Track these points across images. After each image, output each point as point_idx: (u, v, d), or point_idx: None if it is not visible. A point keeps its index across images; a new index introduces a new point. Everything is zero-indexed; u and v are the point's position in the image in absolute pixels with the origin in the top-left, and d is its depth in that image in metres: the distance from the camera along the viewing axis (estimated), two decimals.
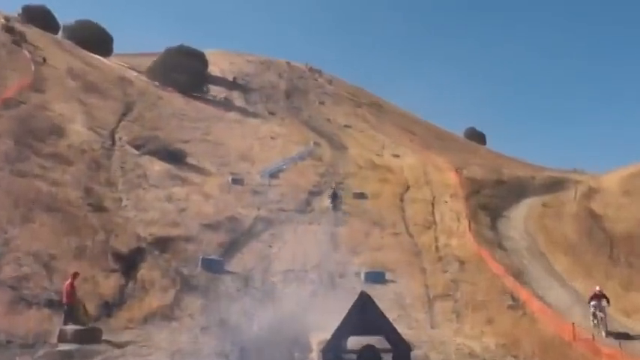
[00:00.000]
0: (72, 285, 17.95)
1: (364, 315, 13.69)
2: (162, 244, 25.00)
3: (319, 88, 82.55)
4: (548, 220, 38.07)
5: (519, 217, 38.97)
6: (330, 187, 37.84)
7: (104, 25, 68.48)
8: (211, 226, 28.05)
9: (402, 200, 37.69)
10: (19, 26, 53.21)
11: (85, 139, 32.74)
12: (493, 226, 36.21)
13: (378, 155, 50.57)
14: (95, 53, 59.48)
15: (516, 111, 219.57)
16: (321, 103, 73.84)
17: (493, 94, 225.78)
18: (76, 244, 21.96)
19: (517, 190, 44.03)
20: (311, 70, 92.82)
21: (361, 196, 37.37)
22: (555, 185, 47.16)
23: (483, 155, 67.58)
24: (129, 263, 22.60)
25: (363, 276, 25.85)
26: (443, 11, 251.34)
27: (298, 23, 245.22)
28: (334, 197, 35.37)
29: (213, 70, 73.58)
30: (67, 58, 50.19)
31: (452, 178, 42.47)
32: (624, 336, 21.93)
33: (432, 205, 37.43)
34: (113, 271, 21.68)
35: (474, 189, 40.98)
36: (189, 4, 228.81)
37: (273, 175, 38.58)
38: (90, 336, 17.30)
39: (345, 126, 63.82)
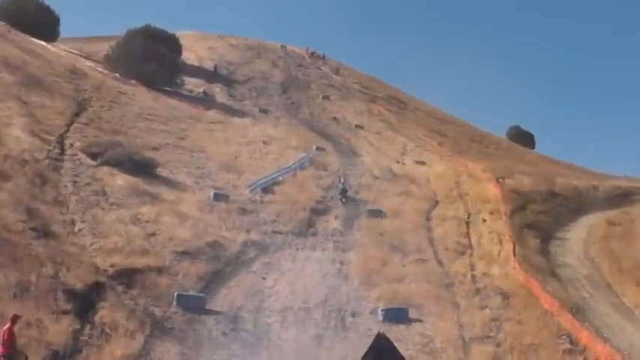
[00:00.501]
0: (10, 331, 17.98)
1: None
2: (128, 277, 25.15)
3: (323, 78, 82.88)
4: (614, 242, 38.11)
5: (578, 238, 39.03)
6: (339, 182, 41.11)
7: (47, 1, 68.72)
8: (189, 254, 28.21)
9: (428, 219, 37.85)
10: None
11: (27, 148, 32.94)
12: (544, 251, 36.27)
13: (398, 163, 50.68)
14: (37, 38, 59.78)
15: (572, 105, 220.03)
16: (326, 97, 74.12)
17: (542, 86, 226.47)
18: (16, 280, 22.05)
19: (574, 205, 44.14)
20: (313, 55, 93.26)
21: (377, 214, 37.59)
22: (623, 198, 47.28)
23: (531, 161, 67.70)
24: (85, 302, 22.70)
25: (380, 314, 25.98)
26: None
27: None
28: (344, 193, 38.87)
29: (189, 57, 74.04)
30: (1, 44, 50.50)
31: (492, 190, 42.57)
32: None
33: (467, 224, 37.54)
34: (64, 312, 21.77)
35: (519, 204, 41.05)
36: None
37: (266, 188, 38.77)
38: None
39: (357, 126, 64.03)
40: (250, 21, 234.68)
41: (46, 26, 64.88)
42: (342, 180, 41.98)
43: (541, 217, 40.62)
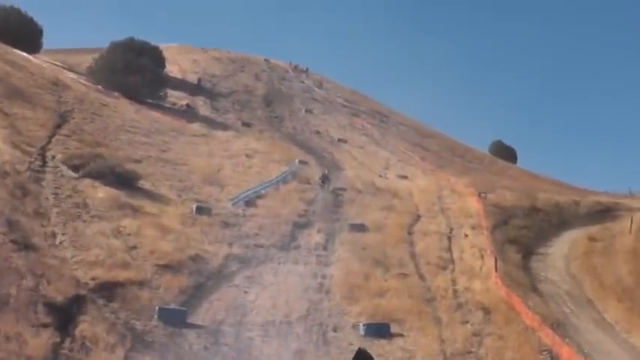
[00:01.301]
0: None
1: None
2: (108, 290, 25.02)
3: (306, 92, 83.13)
4: (596, 258, 38.37)
5: (559, 253, 39.25)
6: (324, 173, 45.60)
7: (31, 12, 68.49)
8: (170, 268, 28.11)
9: (410, 233, 37.94)
10: None
11: (8, 159, 32.74)
12: (526, 266, 36.46)
13: (380, 177, 50.81)
14: (20, 49, 59.59)
15: (553, 121, 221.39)
16: (309, 111, 74.33)
17: (525, 101, 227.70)
18: None
19: (556, 220, 44.41)
20: (296, 69, 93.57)
21: (360, 228, 37.62)
22: (605, 213, 47.59)
23: (513, 176, 68.05)
24: (65, 316, 22.57)
25: (362, 329, 25.94)
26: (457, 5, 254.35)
27: (279, 14, 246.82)
28: (325, 180, 43.76)
29: (172, 70, 74.02)
30: None
31: (474, 204, 42.75)
32: None
33: (449, 239, 37.68)
34: (44, 325, 21.63)
35: (501, 219, 41.30)
36: None
37: (249, 202, 38.79)
38: None
39: (340, 140, 64.23)
40: (234, 34, 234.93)
41: (28, 38, 64.62)
42: (326, 172, 46.36)
43: (523, 232, 40.84)
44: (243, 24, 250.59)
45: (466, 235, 37.87)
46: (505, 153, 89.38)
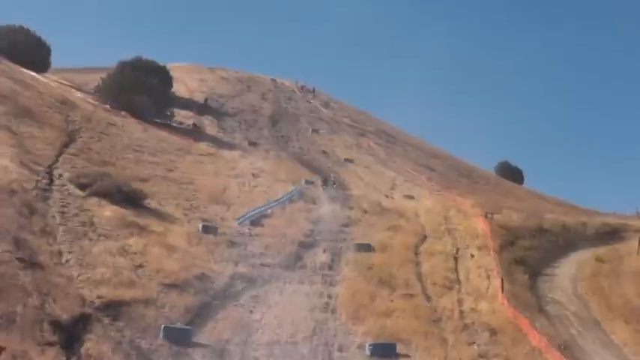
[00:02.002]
0: None
1: None
2: (114, 309, 25.02)
3: (313, 112, 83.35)
4: (603, 279, 38.21)
5: (566, 274, 39.10)
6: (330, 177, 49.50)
7: (39, 32, 68.96)
8: (176, 287, 28.11)
9: (417, 253, 37.86)
10: None
11: (15, 178, 32.87)
12: (533, 287, 36.30)
13: (387, 197, 50.80)
14: (29, 69, 59.96)
15: (561, 141, 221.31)
16: (315, 131, 74.49)
17: (531, 121, 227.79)
18: (2, 311, 21.90)
19: (563, 241, 44.24)
20: (303, 89, 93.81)
21: (366, 248, 37.54)
22: (612, 235, 47.39)
23: (520, 196, 67.90)
24: (71, 334, 22.56)
25: (367, 349, 25.88)
26: (463, 20, 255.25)
27: (287, 34, 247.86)
28: (328, 182, 47.40)
29: (179, 89, 74.34)
30: None
31: (480, 225, 42.68)
32: None
33: (455, 259, 37.58)
34: (50, 344, 21.62)
35: (508, 239, 41.15)
36: (146, 6, 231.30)
37: (255, 221, 38.83)
38: None
39: (346, 160, 64.33)
40: (241, 54, 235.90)
41: (37, 57, 65.02)
42: (332, 176, 51.75)
43: (530, 253, 40.69)
44: (250, 44, 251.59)
45: (472, 256, 37.77)
46: (512, 174, 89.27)
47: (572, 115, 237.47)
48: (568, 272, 39.54)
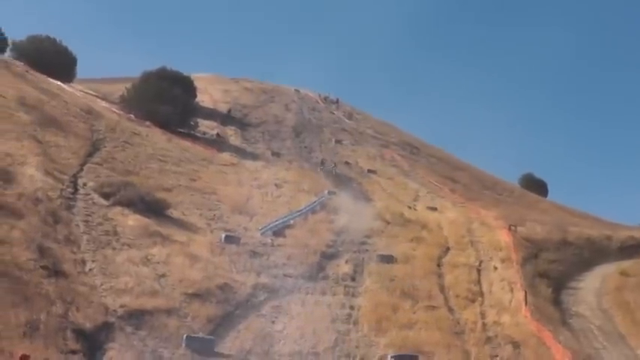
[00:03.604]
0: None
1: None
2: (137, 318, 25.15)
3: (336, 123, 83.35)
4: (628, 293, 37.94)
5: (590, 288, 38.87)
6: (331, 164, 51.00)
7: (65, 42, 69.64)
8: (199, 296, 28.20)
9: (439, 265, 37.86)
10: None
11: (40, 186, 33.12)
12: (556, 300, 36.13)
13: (410, 208, 50.74)
14: (54, 78, 60.49)
15: (586, 153, 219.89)
16: (339, 142, 74.49)
17: (556, 133, 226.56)
18: (26, 319, 22.09)
19: (587, 254, 44.02)
20: (326, 100, 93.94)
21: (388, 259, 37.57)
22: (637, 248, 47.13)
23: (544, 209, 67.55)
24: (93, 342, 22.71)
25: None
26: (487, 32, 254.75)
27: (311, 47, 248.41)
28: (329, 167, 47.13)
29: (203, 99, 74.63)
30: (18, 84, 51.10)
31: (504, 237, 42.53)
32: None
33: (478, 271, 37.52)
34: (73, 352, 21.77)
35: (532, 252, 41.01)
36: (172, 17, 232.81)
37: (278, 232, 38.85)
38: None
39: (369, 171, 64.24)
40: (265, 65, 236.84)
41: (63, 67, 65.61)
42: (332, 161, 57.01)
43: (553, 266, 40.52)
44: (274, 55, 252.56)
45: (496, 268, 37.68)
46: (536, 186, 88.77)
47: (597, 127, 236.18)
48: (592, 286, 39.31)
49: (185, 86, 66.70)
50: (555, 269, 40.07)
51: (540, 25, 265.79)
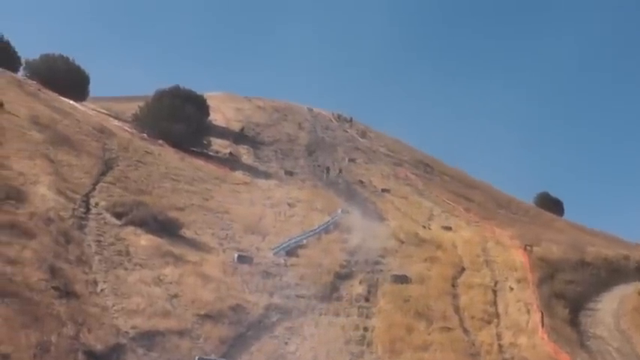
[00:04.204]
0: None
1: None
2: (149, 339, 25.05)
3: (350, 142, 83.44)
4: None
5: (608, 309, 38.54)
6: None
7: (78, 61, 70.10)
8: (211, 317, 28.10)
9: (454, 285, 37.62)
10: None
11: (52, 206, 33.17)
12: (574, 321, 35.82)
13: (424, 227, 50.58)
14: (66, 97, 60.74)
15: (602, 171, 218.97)
16: (352, 160, 74.50)
17: (571, 151, 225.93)
18: (37, 340, 22.05)
19: (605, 275, 43.64)
20: (339, 118, 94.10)
21: (402, 279, 37.35)
22: None
23: (560, 228, 67.19)
24: None
25: None
26: (495, 51, 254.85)
27: (323, 64, 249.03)
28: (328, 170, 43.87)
29: (216, 118, 74.93)
30: (31, 102, 51.35)
31: (519, 257, 42.28)
32: None
33: (494, 292, 37.28)
34: None
35: (548, 272, 40.71)
36: (184, 36, 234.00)
37: (291, 252, 38.70)
38: None
39: (383, 190, 64.17)
40: (278, 83, 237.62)
41: (76, 85, 66.07)
42: (336, 167, 57.45)
43: (570, 286, 40.21)
44: (286, 73, 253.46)
45: (511, 289, 37.43)
46: (551, 205, 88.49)
47: (613, 145, 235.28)
48: (610, 307, 38.99)
49: (198, 105, 66.98)
50: (572, 290, 39.78)
51: (556, 39, 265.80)
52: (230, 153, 65.25)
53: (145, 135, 58.00)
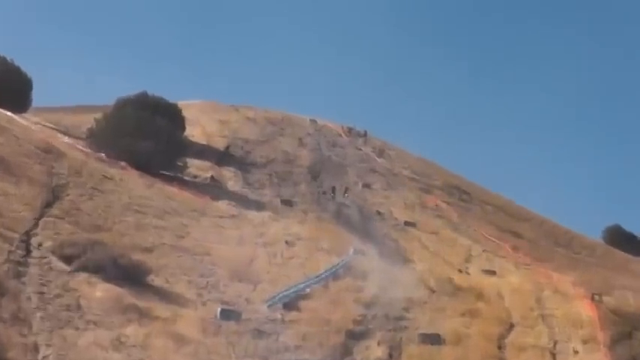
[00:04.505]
0: None
1: None
2: None
3: (364, 162, 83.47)
4: None
5: None
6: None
7: (18, 62, 69.92)
8: None
9: (501, 347, 37.73)
10: None
11: None
12: None
13: (460, 272, 50.47)
14: (3, 107, 60.71)
15: None
16: (367, 186, 74.44)
17: None
18: None
19: None
20: (351, 132, 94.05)
21: (433, 339, 37.38)
22: None
23: (637, 272, 66.89)
24: None
25: None
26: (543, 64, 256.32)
27: (329, 65, 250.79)
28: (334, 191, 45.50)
29: (194, 133, 74.91)
30: None
31: (585, 310, 42.25)
32: None
33: (553, 355, 37.31)
34: None
35: (623, 330, 40.66)
36: (157, 34, 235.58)
37: (289, 304, 38.66)
38: None
39: (407, 223, 64.13)
40: (273, 90, 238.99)
41: (14, 92, 65.78)
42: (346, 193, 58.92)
43: None
44: (285, 79, 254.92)
45: (576, 352, 37.64)
46: (625, 242, 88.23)
47: None
48: None
49: (171, 116, 66.83)
50: None
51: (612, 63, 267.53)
52: (212, 177, 65.18)
53: (102, 155, 57.90)
